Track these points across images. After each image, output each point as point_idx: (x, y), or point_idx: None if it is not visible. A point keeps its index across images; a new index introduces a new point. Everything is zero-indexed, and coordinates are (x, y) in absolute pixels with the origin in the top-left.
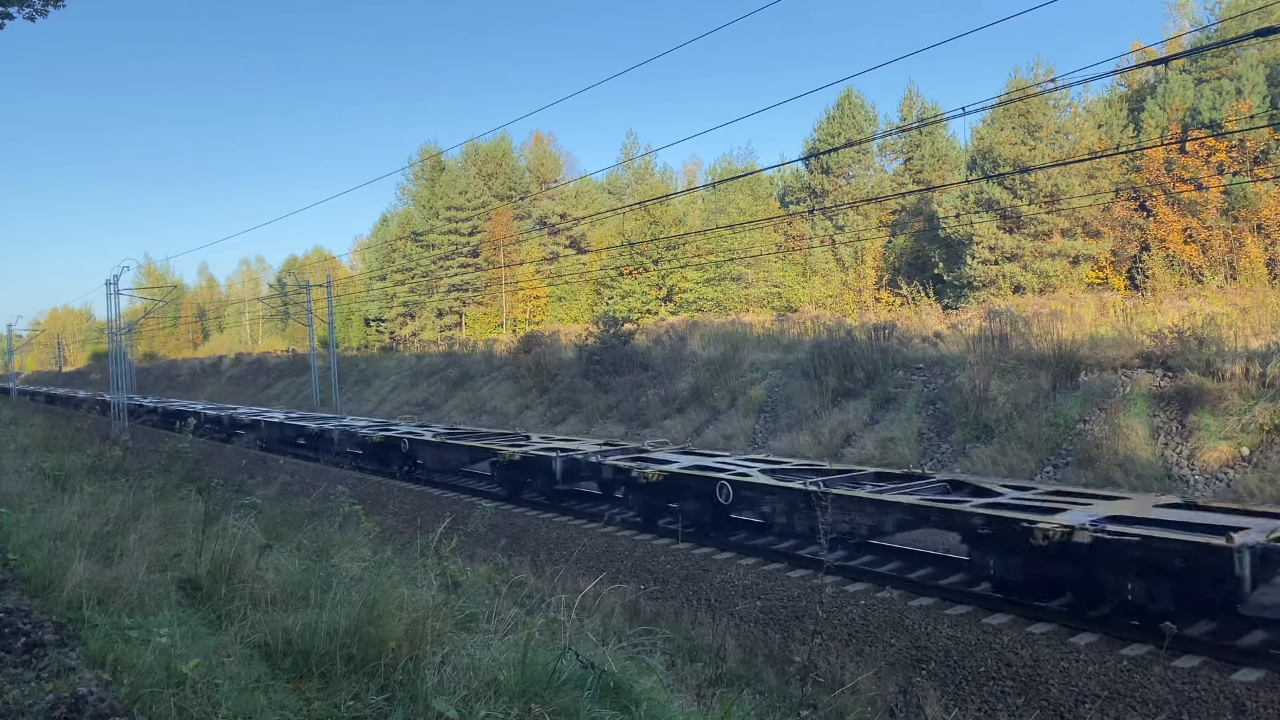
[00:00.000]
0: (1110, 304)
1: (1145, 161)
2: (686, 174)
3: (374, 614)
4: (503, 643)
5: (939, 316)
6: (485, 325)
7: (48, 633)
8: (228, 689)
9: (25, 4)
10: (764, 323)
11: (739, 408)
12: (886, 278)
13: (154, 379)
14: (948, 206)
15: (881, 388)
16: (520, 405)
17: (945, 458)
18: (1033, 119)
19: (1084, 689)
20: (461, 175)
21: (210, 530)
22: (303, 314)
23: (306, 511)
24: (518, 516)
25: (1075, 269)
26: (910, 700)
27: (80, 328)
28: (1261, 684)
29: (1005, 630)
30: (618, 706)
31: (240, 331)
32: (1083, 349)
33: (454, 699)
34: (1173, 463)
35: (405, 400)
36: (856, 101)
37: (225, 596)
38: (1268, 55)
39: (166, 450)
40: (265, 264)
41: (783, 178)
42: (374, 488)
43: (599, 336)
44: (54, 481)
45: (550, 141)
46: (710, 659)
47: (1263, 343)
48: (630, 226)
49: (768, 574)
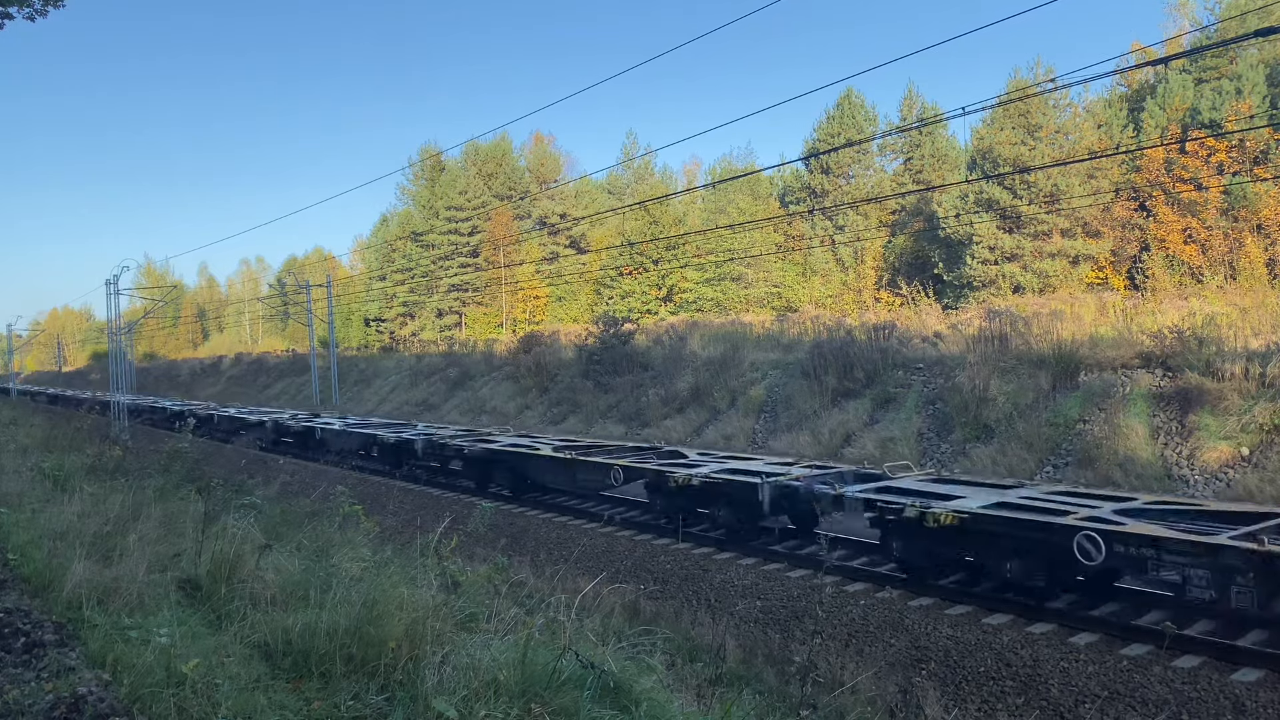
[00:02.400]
0: (1110, 304)
1: (1145, 161)
2: (686, 174)
3: (374, 614)
4: (503, 643)
5: (939, 316)
6: (485, 325)
7: (47, 633)
8: (227, 689)
9: (25, 4)
10: (764, 323)
11: (739, 408)
12: (886, 278)
13: (154, 379)
14: (947, 206)
15: (881, 388)
16: (520, 405)
17: (945, 457)
18: (1033, 119)
19: (1084, 689)
20: (461, 175)
21: (210, 530)
22: (303, 314)
23: (306, 511)
24: (517, 516)
25: (1075, 269)
26: (910, 700)
27: (80, 328)
28: (1261, 684)
29: (1005, 630)
30: (618, 706)
31: (240, 331)
32: (1082, 349)
33: (454, 699)
34: (1172, 463)
35: (405, 400)
36: (856, 101)
37: (225, 596)
38: (1267, 55)
39: (166, 450)
40: (265, 264)
41: (783, 178)
42: (374, 488)
43: (599, 336)
44: (54, 481)
45: (550, 141)
46: (710, 659)
47: (1262, 343)
48: (630, 226)
49: (768, 574)
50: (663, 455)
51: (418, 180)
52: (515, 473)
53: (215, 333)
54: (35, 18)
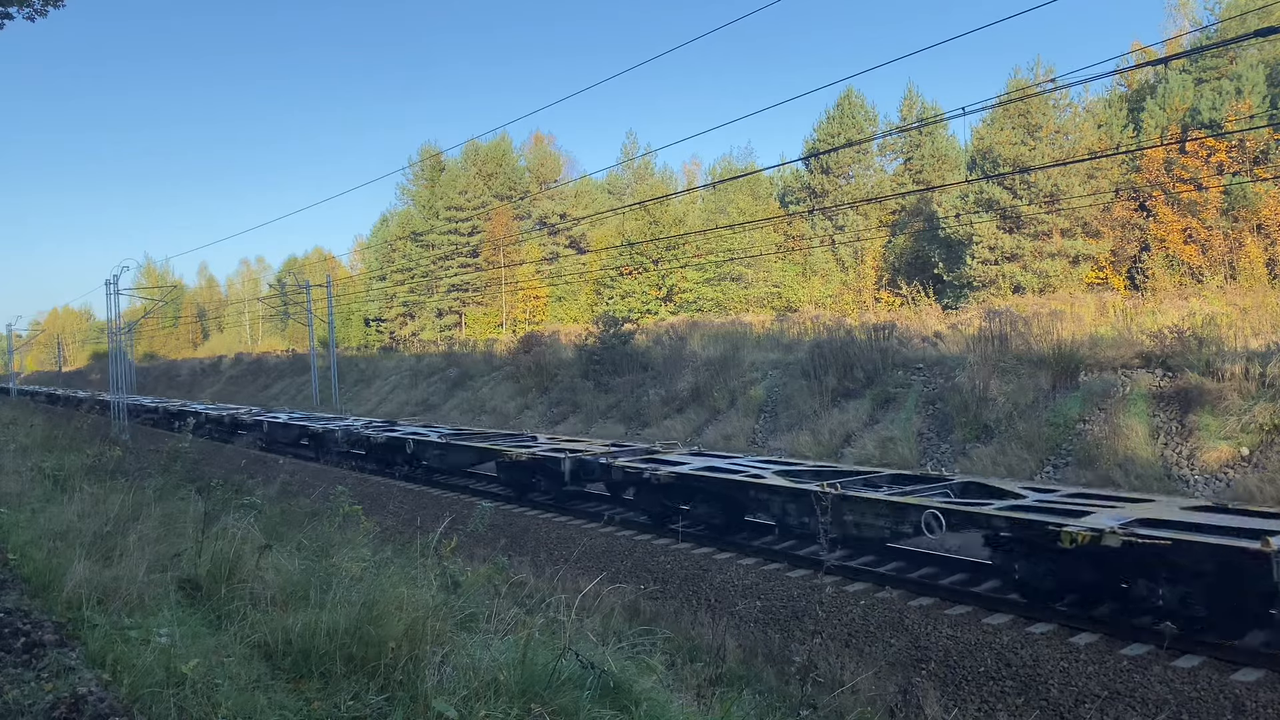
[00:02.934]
0: (1110, 304)
1: (1145, 161)
2: (686, 174)
3: (374, 614)
4: (503, 643)
5: (939, 316)
6: (485, 325)
7: (47, 633)
8: (227, 689)
9: (25, 4)
10: (764, 323)
11: (739, 408)
12: (886, 278)
13: (154, 379)
14: (947, 206)
15: (881, 388)
16: (520, 405)
17: (945, 458)
18: (1033, 119)
19: (1084, 689)
20: (461, 175)
21: (210, 530)
22: (303, 314)
23: (306, 511)
24: (517, 516)
25: (1075, 269)
26: (910, 700)
27: (80, 328)
28: (1261, 684)
29: (1005, 630)
30: (618, 706)
31: (240, 331)
32: (1082, 349)
33: (454, 699)
34: (1172, 463)
35: (405, 400)
36: (856, 101)
37: (225, 596)
38: (1267, 55)
39: (166, 450)
40: (265, 264)
41: (783, 178)
42: (374, 488)
43: (599, 336)
44: (54, 481)
45: (550, 141)
46: (710, 659)
47: (1262, 343)
48: (630, 226)
49: (768, 574)
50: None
51: (418, 180)
52: (411, 457)
53: (215, 333)
54: (35, 18)
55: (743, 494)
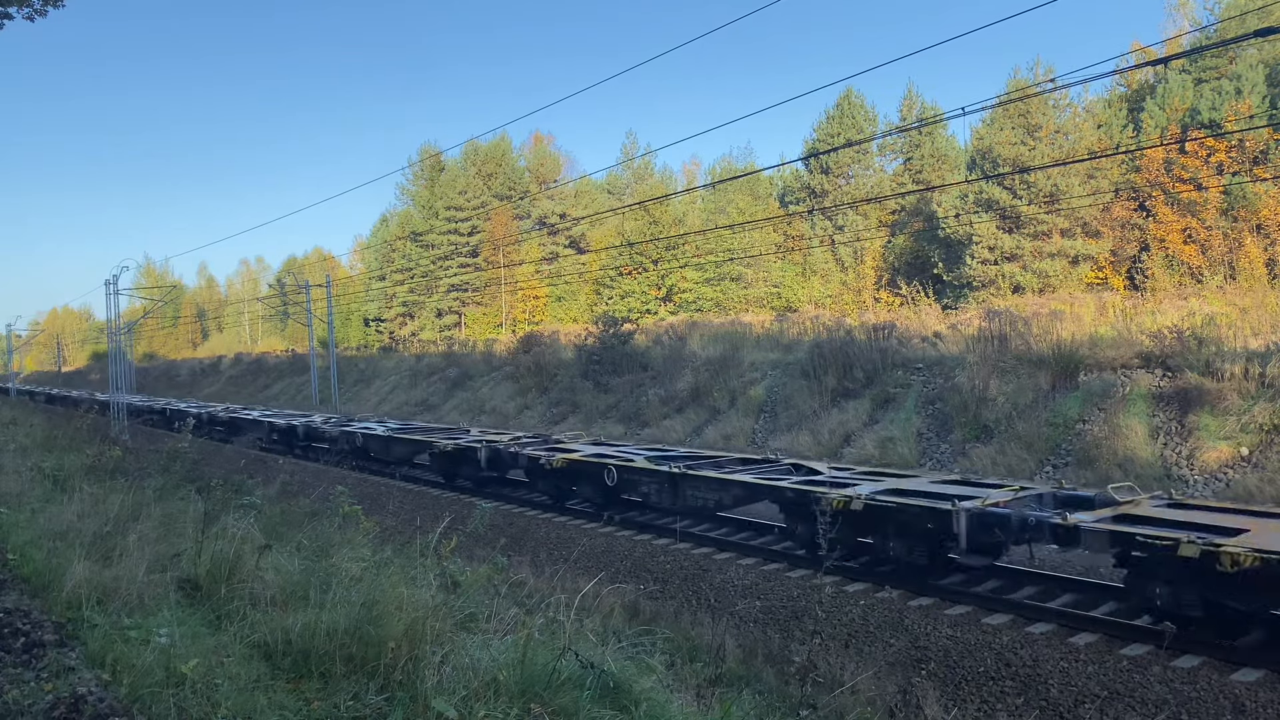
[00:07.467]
0: (1110, 304)
1: (1145, 161)
2: (686, 174)
3: (373, 614)
4: (502, 643)
5: (938, 316)
6: (485, 325)
7: (47, 633)
8: (227, 689)
9: (25, 4)
10: (763, 323)
11: (739, 408)
12: (886, 278)
13: (153, 379)
14: (947, 206)
15: (881, 388)
16: (520, 405)
17: (945, 457)
18: (1032, 119)
19: (1083, 689)
20: (461, 175)
21: (210, 530)
22: (302, 314)
23: (306, 511)
24: (517, 517)
25: (1075, 269)
26: (910, 700)
27: (80, 328)
28: (1261, 684)
29: (1005, 630)
30: (617, 706)
31: (240, 331)
32: (1082, 349)
33: (453, 699)
34: (1172, 463)
35: (405, 400)
36: (856, 101)
37: (225, 596)
38: (1267, 55)
39: (166, 450)
40: (265, 264)
41: (782, 178)
42: (373, 488)
43: (599, 336)
44: (53, 481)
45: (550, 141)
46: (710, 659)
47: (1262, 343)
48: (630, 226)
49: (767, 574)
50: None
51: (417, 180)
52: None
53: (215, 333)
54: (35, 18)
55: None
